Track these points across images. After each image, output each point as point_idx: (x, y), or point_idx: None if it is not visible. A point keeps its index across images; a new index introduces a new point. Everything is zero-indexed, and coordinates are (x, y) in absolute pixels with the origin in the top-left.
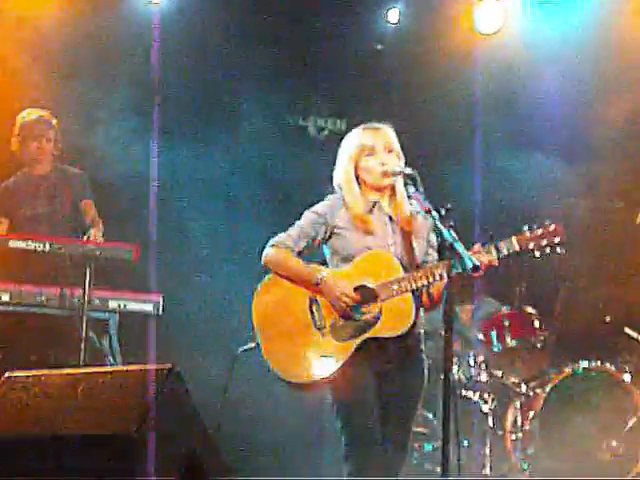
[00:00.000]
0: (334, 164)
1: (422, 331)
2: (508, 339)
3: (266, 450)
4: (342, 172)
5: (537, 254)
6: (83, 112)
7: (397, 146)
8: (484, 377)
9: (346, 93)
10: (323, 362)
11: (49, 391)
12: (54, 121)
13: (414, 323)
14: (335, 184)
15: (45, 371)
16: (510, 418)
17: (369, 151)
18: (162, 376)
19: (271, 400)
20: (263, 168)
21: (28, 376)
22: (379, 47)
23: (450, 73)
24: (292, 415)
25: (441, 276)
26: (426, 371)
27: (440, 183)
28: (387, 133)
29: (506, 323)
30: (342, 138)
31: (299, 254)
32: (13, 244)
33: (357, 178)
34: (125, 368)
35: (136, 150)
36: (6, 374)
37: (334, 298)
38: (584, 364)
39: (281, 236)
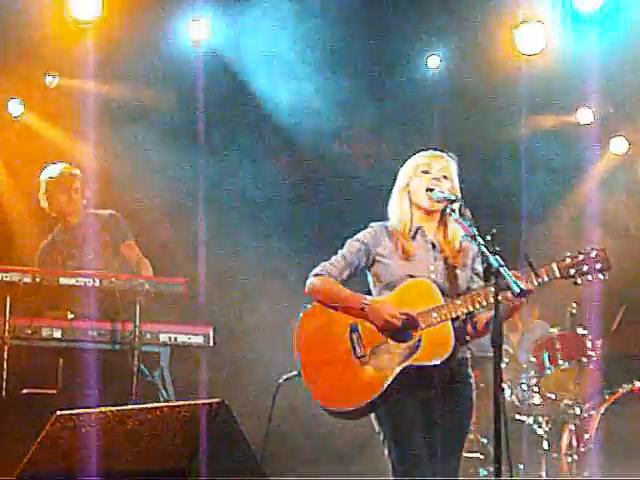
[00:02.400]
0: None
1: (468, 356)
2: (560, 361)
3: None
4: (395, 191)
5: (579, 280)
6: (124, 150)
7: (454, 175)
8: (537, 400)
9: (390, 117)
10: (364, 390)
11: (99, 429)
12: (77, 171)
13: (455, 350)
14: (389, 207)
15: (95, 409)
16: (565, 440)
17: (424, 169)
18: (212, 410)
19: (315, 427)
20: (310, 196)
21: (78, 414)
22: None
23: (495, 95)
24: (337, 442)
25: (482, 304)
26: (474, 396)
27: (482, 207)
28: (445, 159)
29: (557, 345)
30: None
31: (343, 283)
32: (64, 281)
33: (409, 200)
34: (175, 403)
35: (179, 184)
36: (57, 413)
37: (381, 320)
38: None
39: (324, 265)
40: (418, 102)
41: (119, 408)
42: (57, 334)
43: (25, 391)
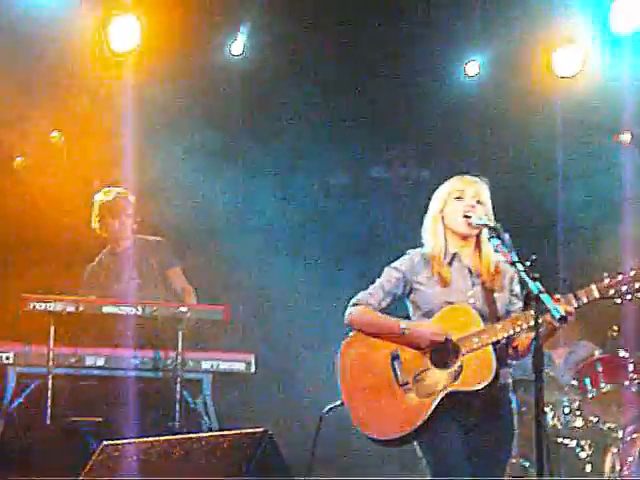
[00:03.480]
0: (416, 213)
1: (510, 381)
2: (602, 384)
3: None
4: (429, 217)
5: (618, 301)
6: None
7: (487, 200)
8: (579, 423)
9: (428, 143)
10: (406, 418)
11: (145, 458)
12: (131, 197)
13: (497, 375)
14: (422, 232)
15: (141, 439)
16: (608, 464)
17: (457, 195)
18: (256, 440)
19: (359, 457)
20: (348, 221)
21: (124, 444)
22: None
23: (530, 119)
24: (381, 472)
25: (522, 328)
26: (515, 421)
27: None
28: (479, 184)
29: (599, 368)
30: (426, 187)
31: (382, 311)
32: (106, 309)
33: (443, 226)
34: (219, 433)
35: (218, 206)
36: (103, 442)
37: (424, 339)
38: None
39: (363, 294)
40: (454, 109)
41: (164, 438)
42: (100, 362)
43: (70, 419)
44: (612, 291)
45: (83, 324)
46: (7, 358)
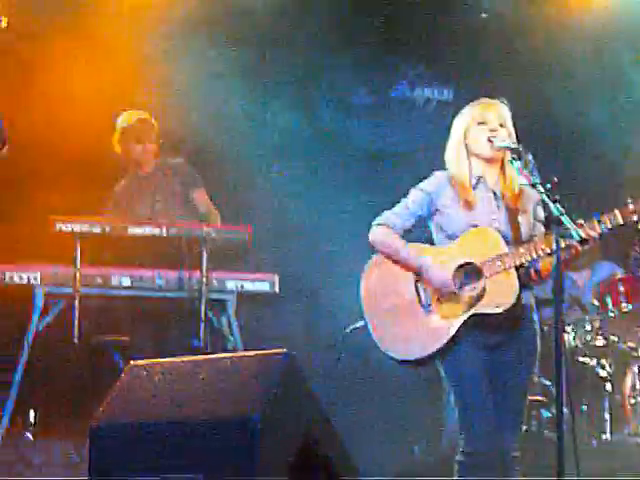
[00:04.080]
0: (441, 134)
1: (532, 302)
2: (624, 304)
3: (376, 430)
4: (452, 143)
5: None
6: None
7: (509, 122)
8: (601, 342)
9: (452, 62)
10: (430, 339)
11: (172, 378)
12: (154, 121)
13: (520, 297)
14: (445, 157)
15: (168, 359)
16: (628, 382)
17: (480, 120)
18: (279, 361)
19: (380, 378)
20: (371, 142)
21: (152, 364)
22: (484, 15)
23: (555, 39)
24: (402, 391)
25: (544, 252)
26: (538, 341)
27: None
28: (500, 107)
29: (621, 288)
30: (450, 108)
31: (406, 232)
32: (132, 231)
33: (467, 151)
34: (243, 354)
35: (249, 133)
36: (131, 362)
37: (436, 284)
38: None
39: (388, 215)
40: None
41: (190, 358)
42: (126, 282)
43: (97, 338)
44: (636, 217)
45: (109, 245)
46: (35, 278)
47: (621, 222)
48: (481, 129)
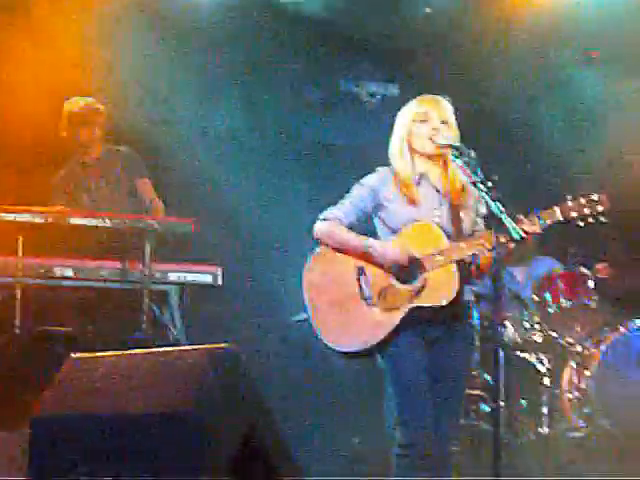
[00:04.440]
0: (386, 129)
1: (472, 298)
2: (562, 300)
3: (317, 422)
4: (395, 140)
5: (581, 224)
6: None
7: (452, 119)
8: (539, 338)
9: (397, 58)
10: (371, 331)
11: (112, 372)
12: (101, 107)
13: (460, 292)
14: (389, 153)
15: (108, 352)
16: (566, 377)
17: (422, 118)
18: (221, 355)
19: (321, 370)
20: (315, 137)
21: (92, 357)
22: (428, 10)
23: (500, 34)
24: (343, 384)
25: (485, 247)
26: (475, 336)
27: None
28: (443, 104)
29: (560, 284)
30: (395, 103)
31: (350, 227)
32: (73, 221)
33: (409, 148)
34: (185, 348)
35: (185, 120)
36: (71, 355)
37: (386, 260)
38: (638, 322)
39: (332, 210)
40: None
41: (131, 352)
42: (68, 273)
43: (39, 329)
44: (575, 214)
45: (51, 235)
46: None
47: (560, 218)
48: (423, 126)
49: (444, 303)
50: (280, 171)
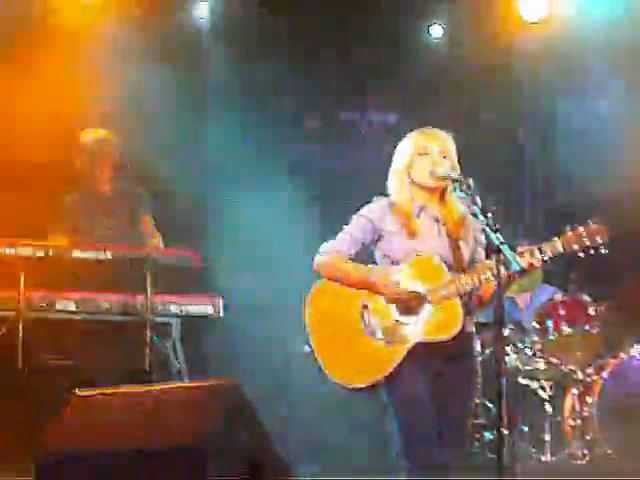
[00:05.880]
0: (384, 157)
1: (473, 329)
2: (564, 327)
3: (322, 453)
4: (394, 172)
5: (581, 255)
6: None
7: (453, 154)
8: (542, 365)
9: (396, 89)
10: (375, 366)
11: (116, 408)
12: (116, 141)
13: (464, 324)
14: (388, 184)
15: (112, 389)
16: (568, 404)
17: (422, 151)
18: (225, 391)
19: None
20: (317, 165)
21: (95, 394)
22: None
23: (498, 65)
24: (348, 418)
25: (487, 279)
26: (478, 368)
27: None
28: (444, 139)
29: (561, 311)
30: (394, 133)
31: (350, 259)
32: (76, 254)
33: (409, 180)
34: (187, 384)
35: (187, 152)
36: (73, 392)
37: (390, 290)
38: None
39: (331, 243)
40: (422, 72)
41: (135, 389)
42: (71, 307)
43: (41, 363)
44: (575, 246)
45: (53, 269)
46: None
47: (561, 250)
48: (423, 159)
49: (449, 337)
50: (279, 200)
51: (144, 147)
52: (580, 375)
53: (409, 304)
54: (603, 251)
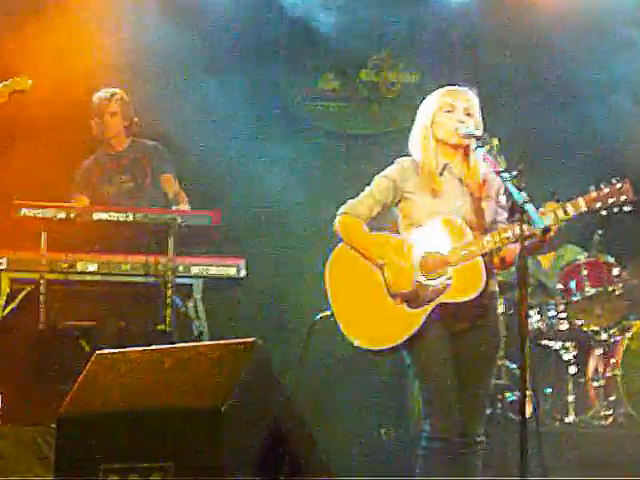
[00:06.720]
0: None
1: (497, 289)
2: (587, 288)
3: (342, 415)
4: (418, 130)
5: (604, 213)
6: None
7: (477, 112)
8: (565, 326)
9: (419, 48)
10: (398, 328)
11: (137, 368)
12: (126, 97)
13: (486, 284)
14: (410, 143)
15: (133, 349)
16: (591, 366)
17: (448, 108)
18: (247, 351)
19: (347, 367)
20: (335, 126)
21: (117, 353)
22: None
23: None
24: (369, 381)
25: (509, 239)
26: (501, 328)
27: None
28: (469, 96)
29: (584, 272)
30: (416, 92)
31: (371, 220)
32: (97, 216)
33: (433, 138)
34: (210, 343)
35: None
36: (96, 352)
37: (393, 287)
38: None
39: (352, 203)
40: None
41: (157, 347)
42: (92, 268)
43: (63, 324)
44: (599, 204)
45: (74, 230)
46: (0, 264)
47: (585, 209)
48: (448, 116)
49: (471, 297)
50: (299, 163)
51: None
52: (604, 336)
53: (431, 265)
54: (627, 209)
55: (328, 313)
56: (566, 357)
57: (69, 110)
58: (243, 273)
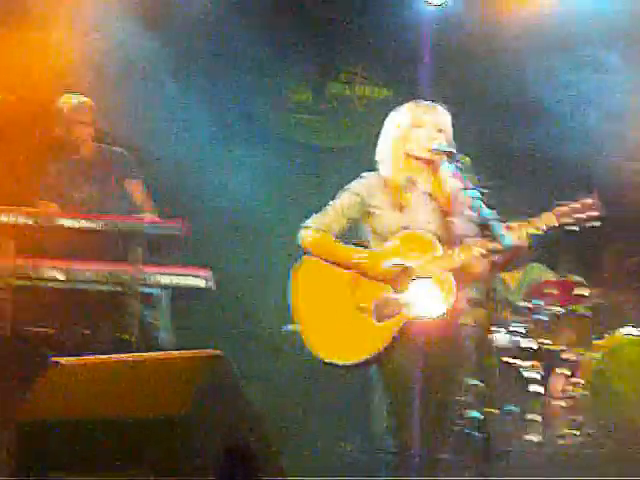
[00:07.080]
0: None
1: (464, 305)
2: (554, 307)
3: (306, 428)
4: (387, 144)
5: (574, 228)
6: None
7: (448, 128)
8: (530, 344)
9: (390, 62)
10: (367, 343)
11: (95, 377)
12: (93, 104)
13: (455, 300)
14: (377, 157)
15: (92, 357)
16: (557, 385)
17: (418, 124)
18: (207, 361)
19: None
20: (304, 138)
21: (74, 362)
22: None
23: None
24: (334, 394)
25: (477, 255)
26: (466, 345)
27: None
28: (440, 113)
29: (552, 291)
30: (386, 108)
31: (336, 236)
32: (65, 222)
33: (402, 152)
34: (173, 354)
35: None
36: (52, 359)
37: (379, 274)
38: (628, 330)
39: (317, 217)
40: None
41: (117, 357)
42: (59, 276)
43: (25, 331)
44: (570, 219)
45: (42, 237)
46: None
47: (556, 224)
48: (419, 131)
49: (441, 313)
50: (268, 173)
51: (123, 114)
52: (570, 355)
53: (400, 280)
54: (596, 224)
55: (294, 326)
56: (531, 376)
57: (33, 114)
58: (211, 284)
